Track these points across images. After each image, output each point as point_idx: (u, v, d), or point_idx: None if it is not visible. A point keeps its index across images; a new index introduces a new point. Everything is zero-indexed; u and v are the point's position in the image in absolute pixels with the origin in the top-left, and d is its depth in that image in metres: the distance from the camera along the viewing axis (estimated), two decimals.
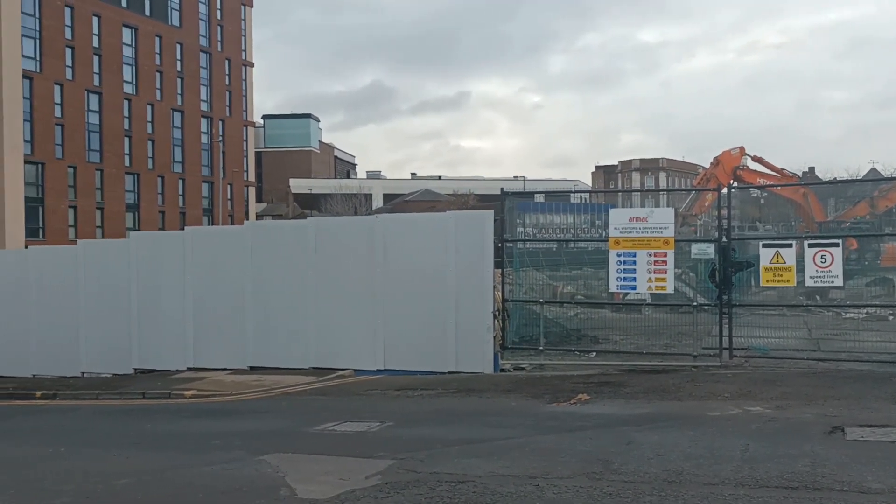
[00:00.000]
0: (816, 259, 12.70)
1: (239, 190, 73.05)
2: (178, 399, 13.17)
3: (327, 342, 14.70)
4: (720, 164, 31.12)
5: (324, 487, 6.94)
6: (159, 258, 16.36)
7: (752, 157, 31.57)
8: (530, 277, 15.94)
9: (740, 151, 31.73)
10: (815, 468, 6.73)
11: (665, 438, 8.10)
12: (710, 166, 32.02)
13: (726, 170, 30.92)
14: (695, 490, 6.29)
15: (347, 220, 18.63)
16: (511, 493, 6.42)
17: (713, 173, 30.98)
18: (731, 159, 31.39)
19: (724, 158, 31.36)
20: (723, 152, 31.75)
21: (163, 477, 7.83)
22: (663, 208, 14.24)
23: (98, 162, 58.89)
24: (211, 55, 69.83)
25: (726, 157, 31.46)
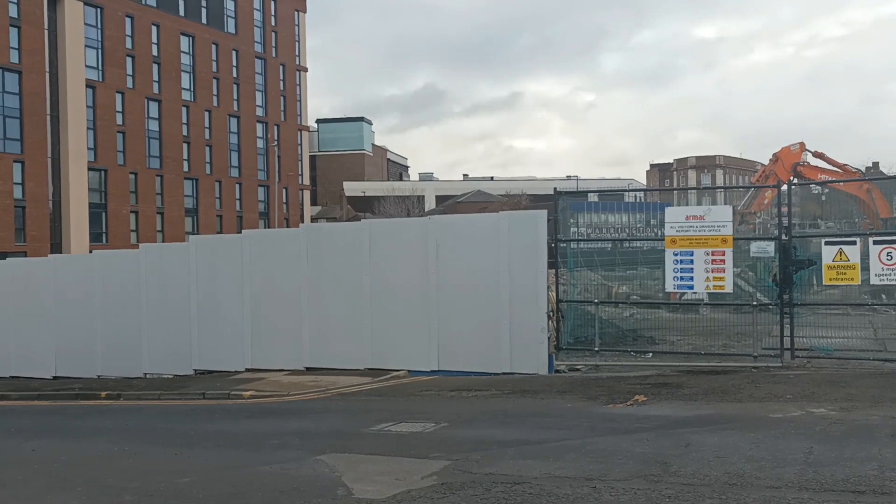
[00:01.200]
0: (882, 256, 12.32)
1: (294, 193, 74.08)
2: (236, 399, 13.40)
3: (382, 343, 14.80)
4: (779, 161, 30.40)
5: (380, 487, 6.98)
6: (217, 261, 16.68)
7: (813, 153, 30.79)
8: (584, 278, 15.81)
9: (800, 147, 30.96)
10: (882, 472, 6.52)
11: (725, 440, 7.94)
12: (768, 163, 31.29)
13: (786, 166, 30.19)
14: (756, 493, 6.14)
15: (401, 222, 18.73)
16: (567, 495, 6.37)
17: (772, 170, 30.29)
18: (790, 155, 30.64)
19: (784, 154, 30.63)
20: (782, 148, 31.04)
21: (223, 476, 7.98)
22: (721, 206, 13.97)
23: (158, 168, 60.36)
24: (266, 61, 70.99)
25: (785, 153, 30.73)
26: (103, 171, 56.09)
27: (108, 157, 56.12)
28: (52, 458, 9.40)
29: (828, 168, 30.60)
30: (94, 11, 55.74)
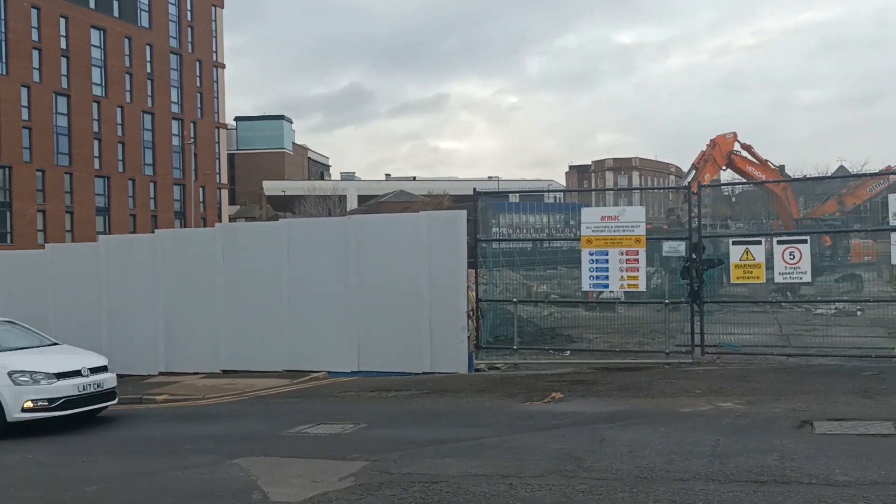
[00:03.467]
0: (785, 255, 12.86)
1: (211, 192, 72.42)
2: (149, 404, 13.04)
3: (301, 344, 14.62)
4: (717, 146, 31.30)
5: (296, 490, 6.90)
6: (129, 262, 16.18)
7: (742, 145, 31.82)
8: (505, 277, 15.98)
9: (734, 136, 31.99)
10: (783, 462, 6.81)
11: (637, 435, 8.15)
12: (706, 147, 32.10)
13: (722, 152, 31.17)
14: (666, 486, 6.33)
15: (320, 222, 18.55)
16: (484, 493, 6.43)
17: (711, 154, 31.12)
18: (726, 143, 31.58)
19: (720, 141, 31.55)
20: (717, 136, 31.94)
21: (134, 482, 7.74)
22: (635, 207, 14.34)
23: (67, 165, 58.06)
24: (181, 57, 69.15)
25: (722, 140, 31.66)
26: (7, 168, 53.62)
27: (12, 153, 53.66)
28: None
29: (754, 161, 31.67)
30: None
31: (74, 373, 11.04)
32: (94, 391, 11.18)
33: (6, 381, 10.61)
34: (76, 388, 10.91)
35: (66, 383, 10.86)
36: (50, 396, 10.68)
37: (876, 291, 15.09)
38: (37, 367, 10.90)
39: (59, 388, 10.76)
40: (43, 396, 10.65)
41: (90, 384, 11.14)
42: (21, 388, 10.59)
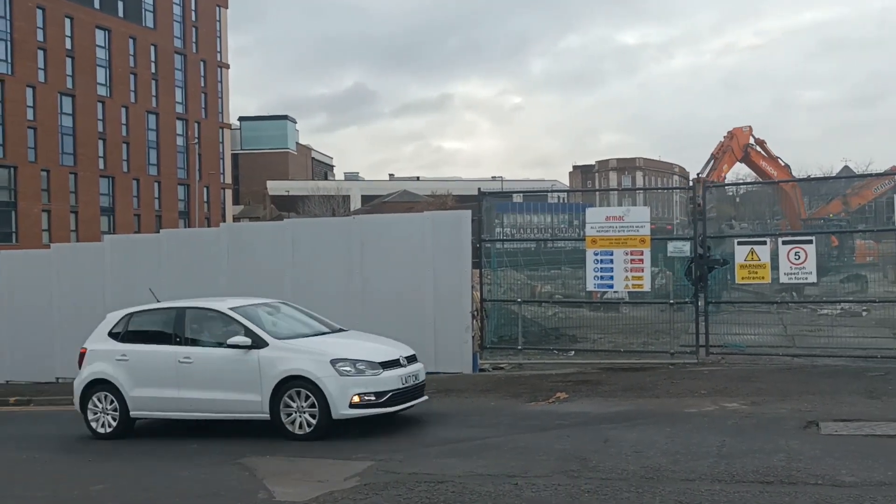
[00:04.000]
0: (790, 256, 12.83)
1: (216, 192, 72.56)
2: None
3: None
4: (735, 138, 31.30)
5: (302, 490, 6.91)
6: (134, 261, 16.15)
7: (756, 140, 31.79)
8: (509, 277, 15.97)
9: (749, 130, 32.02)
10: (790, 462, 6.80)
11: (642, 436, 8.14)
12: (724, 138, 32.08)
13: (739, 144, 31.19)
14: (672, 486, 6.32)
15: (324, 222, 18.57)
16: (489, 493, 6.43)
17: (729, 145, 31.11)
18: (742, 135, 31.57)
19: (738, 133, 31.54)
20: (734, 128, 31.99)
21: (139, 482, 7.77)
22: (639, 207, 14.33)
23: (72, 165, 58.24)
24: (186, 57, 69.29)
25: (739, 132, 31.65)
26: (13, 168, 53.78)
27: (17, 153, 53.80)
28: None
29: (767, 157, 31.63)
30: (3, 2, 53.40)
31: (394, 363, 9.52)
32: (413, 384, 9.67)
33: (329, 371, 9.05)
34: (400, 379, 9.38)
35: (391, 374, 9.31)
36: (378, 390, 9.12)
37: (881, 292, 15.05)
38: (357, 356, 9.37)
39: (385, 380, 9.21)
40: (370, 389, 9.09)
41: (410, 376, 9.60)
42: (347, 379, 9.02)
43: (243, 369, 9.32)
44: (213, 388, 9.48)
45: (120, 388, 9.92)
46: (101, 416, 10.09)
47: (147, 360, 9.99)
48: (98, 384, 10.13)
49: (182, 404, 9.66)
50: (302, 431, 9.03)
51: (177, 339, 9.94)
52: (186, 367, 9.63)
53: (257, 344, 9.36)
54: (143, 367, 9.95)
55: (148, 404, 9.88)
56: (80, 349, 10.65)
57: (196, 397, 9.54)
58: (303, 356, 9.27)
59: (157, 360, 9.89)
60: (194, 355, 9.69)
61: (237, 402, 9.33)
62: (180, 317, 10.18)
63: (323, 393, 8.94)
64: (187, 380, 9.60)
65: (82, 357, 10.53)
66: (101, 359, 10.25)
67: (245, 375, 9.29)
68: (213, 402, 9.48)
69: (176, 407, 9.74)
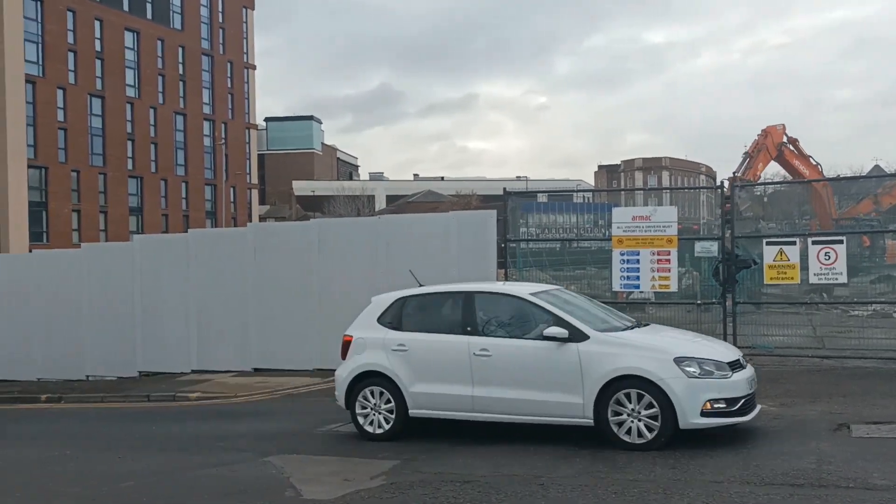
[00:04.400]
0: (820, 256, 12.67)
1: (242, 192, 73.12)
2: (182, 401, 13.19)
3: (332, 343, 14.58)
4: (769, 136, 30.93)
5: (329, 488, 6.94)
6: (163, 261, 16.35)
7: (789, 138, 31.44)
8: (534, 277, 15.90)
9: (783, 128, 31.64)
10: (820, 465, 6.72)
11: None
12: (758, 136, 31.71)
13: (774, 142, 30.83)
14: (700, 488, 6.27)
15: (350, 222, 18.64)
16: (516, 493, 6.42)
17: (764, 143, 30.76)
18: (776, 133, 31.17)
19: (772, 131, 31.17)
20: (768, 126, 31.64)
21: (168, 479, 7.85)
22: (666, 207, 14.22)
23: (101, 166, 58.97)
24: (213, 58, 69.90)
25: (773, 130, 31.27)
26: (44, 168, 54.57)
27: (48, 154, 54.60)
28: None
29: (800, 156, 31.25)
30: (35, 5, 54.17)
31: (736, 364, 8.09)
32: (755, 389, 8.24)
33: (675, 372, 7.66)
34: (748, 384, 7.96)
35: (740, 377, 7.90)
36: (730, 395, 7.72)
37: None
38: (702, 354, 8.01)
39: (735, 384, 7.77)
40: (722, 395, 7.69)
41: (752, 380, 8.15)
42: (696, 381, 7.64)
43: (559, 366, 8.08)
44: (518, 386, 8.25)
45: (397, 383, 8.68)
46: (371, 413, 8.84)
47: (432, 350, 8.71)
48: (368, 377, 8.91)
49: (477, 404, 8.41)
50: (636, 440, 7.68)
51: (467, 328, 8.64)
52: (483, 361, 8.37)
53: (575, 336, 8.09)
54: (427, 358, 8.69)
55: (433, 402, 8.60)
56: (344, 336, 9.48)
57: (496, 396, 8.32)
58: (639, 353, 7.94)
59: (446, 352, 8.60)
60: (493, 347, 8.41)
61: (551, 403, 8.09)
62: (469, 302, 8.88)
63: (668, 397, 7.58)
64: (485, 375, 8.36)
65: (346, 346, 9.37)
66: (372, 348, 9.03)
67: (561, 373, 8.07)
68: (519, 402, 8.23)
69: (469, 406, 8.46)
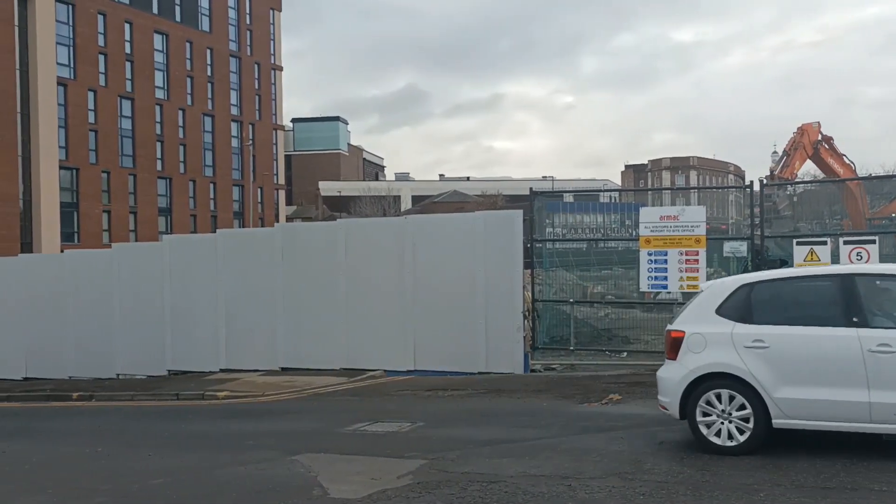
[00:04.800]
0: (852, 256, 12.50)
1: (269, 193, 73.64)
2: (211, 400, 13.31)
3: (358, 343, 14.76)
4: (805, 134, 30.63)
5: (356, 487, 6.97)
6: (191, 261, 16.55)
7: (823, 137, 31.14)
8: (560, 278, 15.89)
9: (818, 126, 31.29)
10: (850, 467, 6.61)
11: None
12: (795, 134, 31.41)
13: (810, 140, 30.49)
14: (729, 490, 6.21)
15: (377, 222, 18.71)
16: (543, 494, 6.40)
17: (800, 141, 30.49)
18: (812, 131, 30.87)
19: (808, 129, 30.90)
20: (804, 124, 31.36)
21: (197, 477, 7.92)
22: (694, 206, 14.11)
23: (131, 167, 59.69)
24: (240, 59, 70.47)
25: (808, 127, 31.00)
26: (75, 169, 55.36)
27: (79, 155, 55.40)
28: (23, 459, 9.28)
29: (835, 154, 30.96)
30: (66, 8, 54.99)
31: None
32: None
33: None
34: None
35: None
36: None
37: None
38: None
39: None
40: None
41: None
42: None
43: None
44: None
45: (756, 387, 7.25)
46: (719, 422, 7.38)
47: (806, 347, 7.22)
48: (712, 379, 7.50)
49: (878, 413, 6.87)
50: None
51: (852, 320, 7.11)
52: (885, 360, 6.89)
53: None
54: (798, 357, 7.22)
55: (810, 410, 7.12)
56: (671, 332, 8.00)
57: None
58: None
59: (827, 349, 7.12)
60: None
61: None
62: (850, 287, 7.32)
63: None
64: (888, 378, 6.86)
65: (675, 343, 7.83)
66: (716, 345, 7.54)
67: None
68: None
69: (865, 416, 6.92)
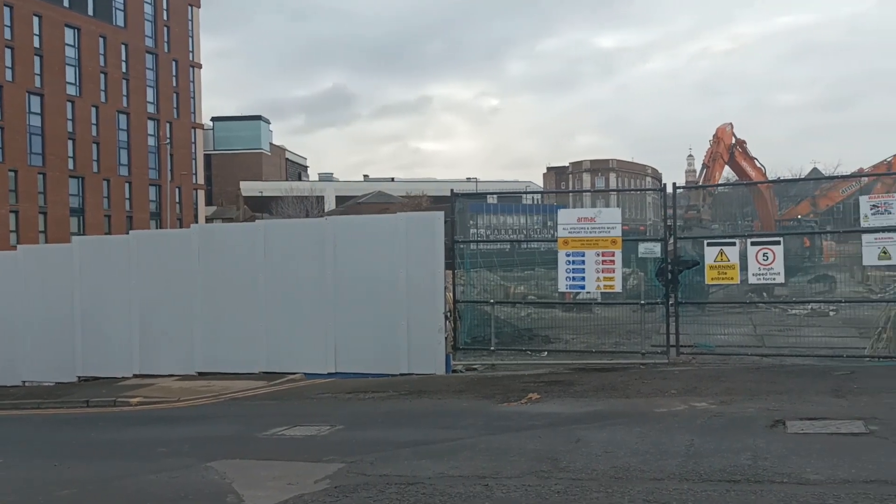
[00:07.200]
0: (759, 257, 12.99)
1: (188, 193, 71.89)
2: (123, 406, 12.92)
3: (278, 346, 14.55)
4: (720, 142, 30.08)
5: (271, 493, 6.87)
6: (104, 263, 16.02)
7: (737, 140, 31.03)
8: (483, 278, 16.00)
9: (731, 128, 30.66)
10: (756, 461, 6.87)
11: (613, 436, 8.19)
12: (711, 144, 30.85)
13: (726, 146, 30.15)
14: (641, 486, 6.37)
15: (297, 223, 18.48)
16: (460, 494, 6.43)
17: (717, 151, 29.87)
18: (726, 135, 29.99)
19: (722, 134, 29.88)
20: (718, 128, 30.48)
21: (107, 487, 7.67)
22: (611, 208, 14.42)
23: (40, 165, 57.38)
24: (157, 56, 68.60)
25: (722, 132, 30.02)
26: None
27: None
28: None
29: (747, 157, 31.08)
30: None
31: None
32: None
33: None
34: None
35: None
36: None
37: (848, 292, 15.29)
38: None
39: None
40: None
41: None
42: None
43: None
44: None
45: None
46: None
47: None
48: None
49: None
50: None
51: None
52: None
53: None
54: None
55: None
56: None
57: None
58: None
59: None
60: None
61: None
62: None
63: None
64: None
65: None
66: None
67: None
68: None
69: None
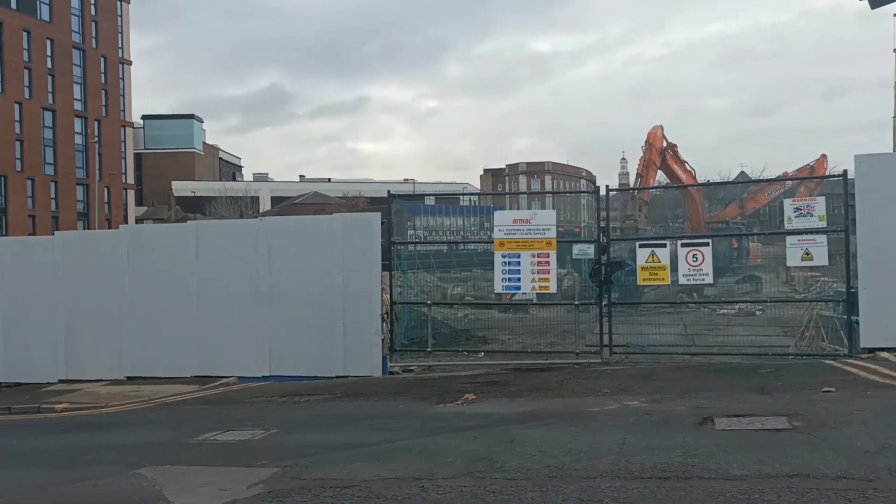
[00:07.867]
0: (688, 258, 13.31)
1: (117, 193, 69.99)
2: (48, 413, 12.48)
3: (211, 349, 14.27)
4: (652, 149, 30.21)
5: (203, 499, 6.73)
6: (26, 264, 15.46)
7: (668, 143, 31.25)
8: (420, 279, 16.01)
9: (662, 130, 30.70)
10: (685, 458, 7.03)
11: (547, 435, 8.27)
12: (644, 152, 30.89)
13: (657, 150, 30.35)
14: (574, 484, 6.45)
15: (231, 224, 18.18)
16: (396, 496, 6.41)
17: (650, 158, 30.03)
18: (657, 139, 30.13)
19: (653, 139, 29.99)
20: (649, 133, 30.54)
21: (29, 496, 7.40)
22: (546, 210, 14.59)
23: None
24: (85, 52, 66.60)
25: (653, 136, 30.15)
26: None
27: None
28: None
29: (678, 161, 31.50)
30: None
31: None
32: None
33: None
34: None
35: None
36: None
37: (773, 292, 15.81)
38: None
39: None
40: None
41: None
42: None
43: None
44: None
45: None
46: None
47: None
48: None
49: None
50: None
51: None
52: None
53: None
54: None
55: None
56: None
57: None
58: None
59: None
60: None
61: None
62: None
63: None
64: None
65: None
66: None
67: None
68: None
69: None
